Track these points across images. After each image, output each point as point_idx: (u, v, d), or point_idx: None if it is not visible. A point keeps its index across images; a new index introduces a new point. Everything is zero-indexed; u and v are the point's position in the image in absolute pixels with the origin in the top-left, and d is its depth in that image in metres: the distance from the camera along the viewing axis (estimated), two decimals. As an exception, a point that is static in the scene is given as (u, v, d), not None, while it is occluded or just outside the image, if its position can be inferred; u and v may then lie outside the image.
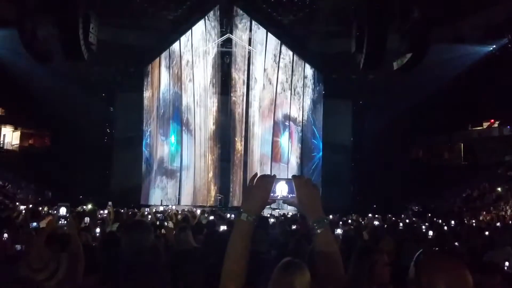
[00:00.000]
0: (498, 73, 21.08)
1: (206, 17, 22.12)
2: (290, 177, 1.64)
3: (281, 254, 3.74)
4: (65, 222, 3.11)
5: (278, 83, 23.20)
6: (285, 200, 1.62)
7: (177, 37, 22.74)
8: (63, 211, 3.12)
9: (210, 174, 23.30)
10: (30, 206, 14.08)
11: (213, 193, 23.10)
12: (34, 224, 5.75)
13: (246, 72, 22.86)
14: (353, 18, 14.22)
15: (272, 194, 1.59)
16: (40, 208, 11.38)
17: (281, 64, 23.12)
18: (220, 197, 22.57)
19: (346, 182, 23.74)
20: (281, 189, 1.61)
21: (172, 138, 23.65)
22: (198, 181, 23.30)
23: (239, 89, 23.03)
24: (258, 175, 1.62)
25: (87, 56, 12.33)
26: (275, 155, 23.57)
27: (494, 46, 21.17)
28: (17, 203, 15.42)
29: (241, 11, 21.83)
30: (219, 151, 23.37)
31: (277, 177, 1.63)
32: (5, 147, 26.87)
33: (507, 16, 19.38)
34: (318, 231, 1.56)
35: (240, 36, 22.30)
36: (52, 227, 3.19)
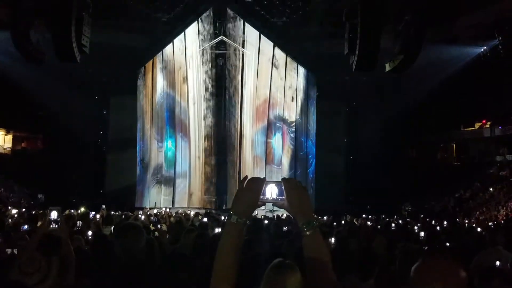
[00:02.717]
0: (489, 74, 21.26)
1: (199, 19, 22.12)
2: (280, 179, 1.65)
3: (274, 255, 3.74)
4: (56, 226, 3.09)
5: (271, 85, 23.24)
6: (275, 203, 1.63)
7: (170, 39, 22.71)
8: (54, 215, 3.11)
9: (205, 176, 23.28)
10: (23, 210, 13.99)
11: (207, 195, 23.07)
12: (25, 226, 5.72)
13: (239, 74, 22.90)
14: (346, 19, 14.26)
15: (262, 197, 1.60)
16: (34, 212, 11.31)
17: (274, 66, 23.16)
18: (213, 199, 22.56)
19: (339, 183, 23.79)
20: (271, 192, 1.62)
21: (169, 143, 23.60)
22: (193, 183, 23.27)
23: (233, 91, 23.05)
24: (249, 178, 1.64)
25: (79, 58, 12.27)
26: (268, 156, 23.60)
27: (485, 47, 21.35)
28: (10, 207, 15.30)
29: (234, 13, 21.85)
30: (215, 153, 23.36)
31: (268, 179, 1.64)
32: (-3, 151, 26.69)
33: (497, 18, 19.55)
34: (307, 233, 1.57)
35: (233, 38, 22.32)
36: (44, 231, 3.18)
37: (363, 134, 23.67)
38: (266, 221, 9.11)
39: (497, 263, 4.52)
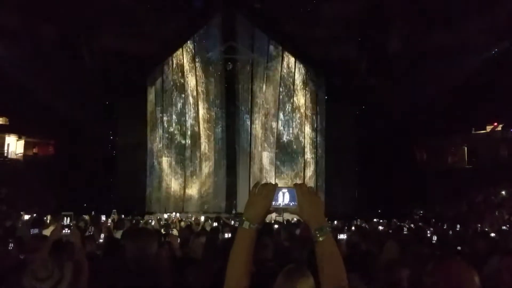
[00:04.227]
0: (500, 76, 21.08)
1: (209, 25, 22.25)
2: (292, 185, 1.65)
3: (285, 260, 3.74)
4: (69, 231, 3.12)
5: (280, 88, 23.25)
6: (287, 208, 1.63)
7: (180, 45, 22.86)
8: (66, 220, 3.14)
9: (215, 181, 23.29)
10: (34, 215, 14.12)
11: (217, 200, 23.09)
12: (36, 230, 5.76)
13: (249, 79, 22.94)
14: (355, 23, 14.30)
15: (274, 203, 1.61)
16: (45, 218, 11.43)
17: (284, 70, 23.18)
18: (223, 204, 22.63)
19: (350, 187, 23.68)
20: (283, 197, 1.62)
21: (179, 148, 23.66)
22: (203, 188, 23.30)
23: (243, 96, 23.11)
24: (260, 184, 1.64)
25: (90, 64, 12.43)
26: (278, 159, 23.57)
27: (496, 49, 21.21)
28: (21, 212, 15.44)
29: (243, 18, 21.92)
30: (225, 158, 23.39)
31: (279, 184, 1.64)
32: (9, 156, 26.93)
33: (509, 19, 19.44)
34: (320, 239, 1.57)
35: (242, 43, 22.38)
36: (56, 236, 3.20)
37: (373, 137, 23.54)
38: (276, 226, 9.11)
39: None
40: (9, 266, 3.76)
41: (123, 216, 13.80)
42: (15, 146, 28.03)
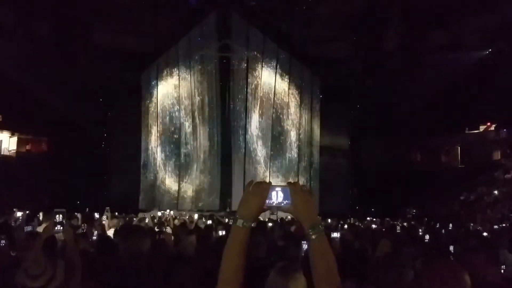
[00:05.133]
0: (494, 76, 21.22)
1: (204, 23, 22.18)
2: (285, 183, 1.65)
3: (279, 258, 3.75)
4: (61, 228, 3.10)
5: (275, 88, 23.23)
6: (280, 207, 1.63)
7: (174, 42, 22.78)
8: (59, 217, 3.11)
9: (209, 179, 23.25)
10: (27, 212, 14.03)
11: (212, 198, 23.04)
12: (29, 228, 5.73)
13: (244, 77, 22.88)
14: (351, 23, 14.34)
15: (267, 201, 1.61)
16: (38, 215, 11.35)
17: (279, 69, 23.16)
18: (217, 202, 22.60)
19: (344, 186, 23.74)
20: (276, 196, 1.62)
21: (173, 146, 23.59)
22: (197, 185, 23.25)
23: (238, 94, 23.06)
24: (254, 182, 1.64)
25: (84, 62, 12.38)
26: (273, 158, 23.56)
27: (490, 50, 21.34)
28: (14, 209, 15.34)
29: (238, 17, 21.88)
30: (219, 156, 23.34)
31: (273, 183, 1.64)
32: (2, 153, 26.77)
33: (502, 21, 19.56)
34: (313, 237, 1.57)
35: (237, 41, 22.33)
36: (48, 234, 3.19)
37: (368, 137, 23.61)
38: (270, 224, 9.11)
39: (502, 266, 4.50)
40: (1, 263, 3.74)
41: (116, 213, 13.74)
42: (8, 142, 27.87)
